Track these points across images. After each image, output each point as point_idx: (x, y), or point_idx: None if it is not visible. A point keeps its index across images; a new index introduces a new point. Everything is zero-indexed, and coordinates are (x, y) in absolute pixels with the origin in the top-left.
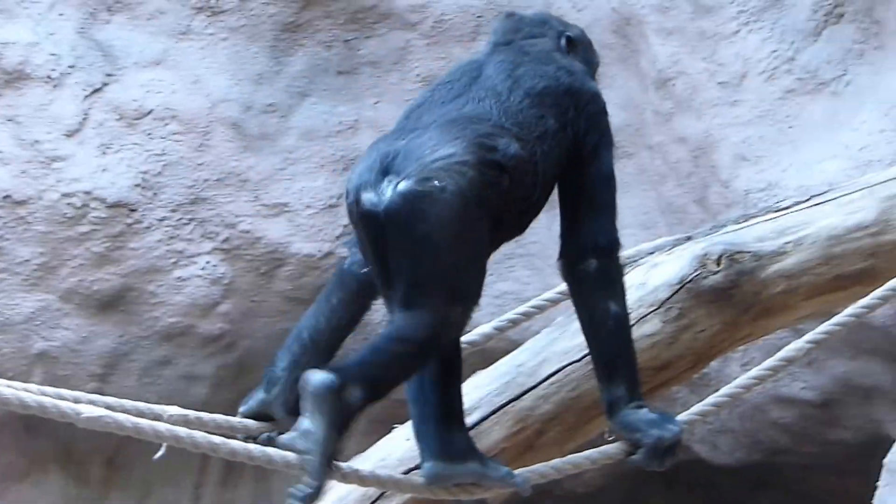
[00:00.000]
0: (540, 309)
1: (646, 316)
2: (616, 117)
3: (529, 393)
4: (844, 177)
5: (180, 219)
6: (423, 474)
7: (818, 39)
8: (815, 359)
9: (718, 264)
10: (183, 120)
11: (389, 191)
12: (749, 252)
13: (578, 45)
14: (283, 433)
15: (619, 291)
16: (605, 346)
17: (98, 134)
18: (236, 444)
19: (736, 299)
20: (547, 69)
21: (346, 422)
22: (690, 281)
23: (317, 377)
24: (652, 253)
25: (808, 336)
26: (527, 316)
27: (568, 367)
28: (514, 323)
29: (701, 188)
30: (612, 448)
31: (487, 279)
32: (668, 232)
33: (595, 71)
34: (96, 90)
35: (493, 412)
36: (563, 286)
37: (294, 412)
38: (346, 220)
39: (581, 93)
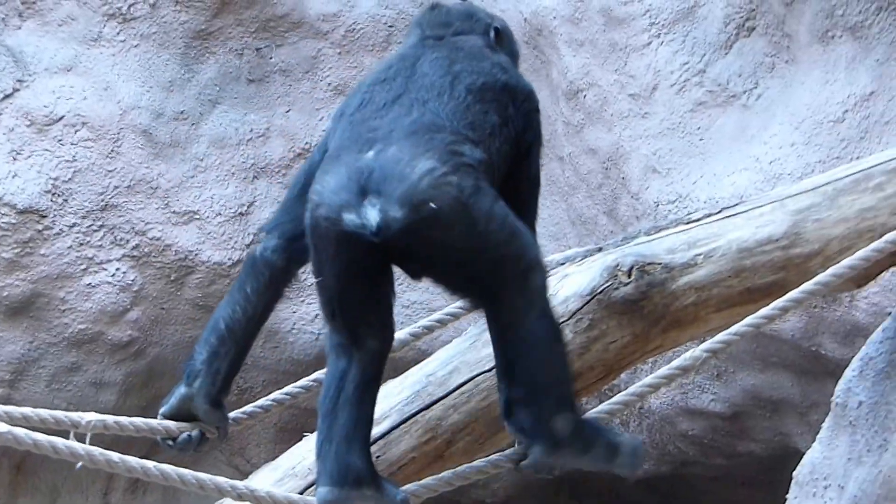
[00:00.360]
0: (454, 317)
1: None
2: None
3: (439, 403)
4: (755, 190)
5: (90, 225)
6: (317, 498)
7: (729, 52)
8: (724, 371)
9: (629, 276)
10: (93, 126)
11: (375, 213)
12: (660, 264)
13: (504, 38)
14: (202, 433)
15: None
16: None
17: (8, 140)
18: (135, 461)
19: (646, 311)
20: (482, 66)
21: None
22: (601, 292)
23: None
24: (563, 263)
25: (705, 345)
26: (441, 323)
27: (478, 377)
28: (428, 330)
29: (611, 200)
30: (501, 456)
31: (398, 289)
32: (579, 243)
33: (517, 62)
34: (7, 96)
35: (403, 421)
36: None
37: (216, 404)
38: (254, 229)
39: (517, 90)
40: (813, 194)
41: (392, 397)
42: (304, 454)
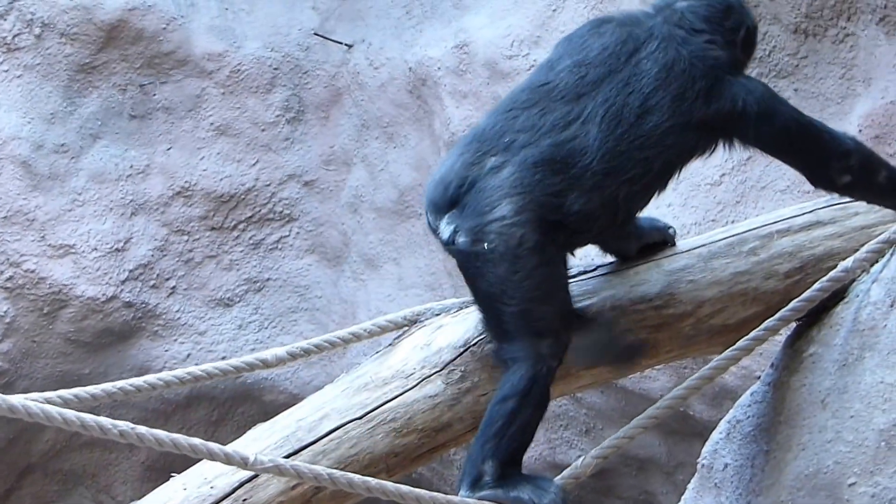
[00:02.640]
0: (332, 345)
1: (429, 377)
2: (406, 177)
3: (308, 448)
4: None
5: None
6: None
7: None
8: (592, 427)
9: None
10: None
11: (448, 233)
12: None
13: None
14: None
15: (876, 158)
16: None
17: None
18: None
19: None
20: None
21: (509, 481)
22: (475, 344)
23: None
24: (439, 314)
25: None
26: (319, 348)
27: (348, 424)
28: (306, 353)
29: None
30: None
31: (269, 334)
32: (453, 294)
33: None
34: None
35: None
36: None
37: None
38: (131, 266)
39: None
40: (688, 256)
41: (262, 441)
42: (170, 494)
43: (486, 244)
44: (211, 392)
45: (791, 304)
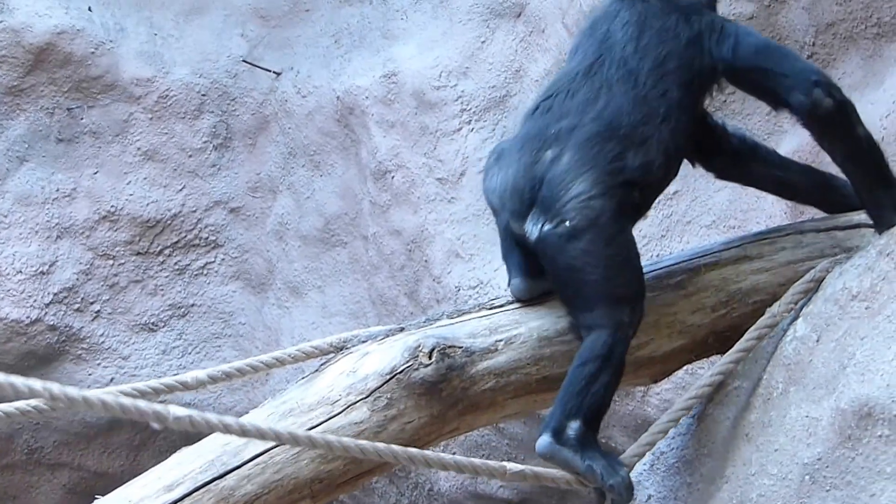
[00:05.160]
0: (254, 369)
1: (355, 404)
2: (333, 205)
3: (233, 472)
4: None
5: None
6: (511, 288)
7: None
8: (514, 457)
9: (430, 357)
10: None
11: (536, 231)
12: (461, 347)
13: None
14: None
15: (856, 115)
16: (865, 165)
17: None
18: None
19: (445, 393)
20: (667, 25)
21: (588, 449)
22: (401, 372)
23: (539, 445)
24: (365, 341)
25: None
26: (241, 372)
27: (274, 450)
28: (227, 376)
29: (413, 282)
30: None
31: (193, 359)
32: (378, 323)
33: None
34: None
35: (196, 489)
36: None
37: None
38: (55, 289)
39: (699, 38)
40: None
41: (187, 465)
42: None
43: (567, 222)
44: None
45: (728, 355)
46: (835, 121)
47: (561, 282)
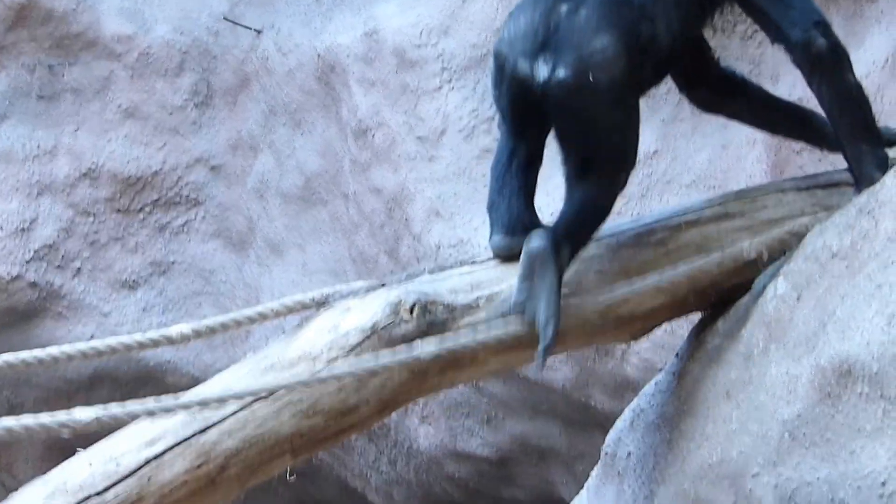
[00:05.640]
0: (237, 324)
1: (335, 359)
2: (313, 164)
3: (214, 427)
4: None
5: None
6: (491, 245)
7: None
8: (494, 416)
9: (411, 313)
10: None
11: (546, 71)
12: (442, 303)
13: None
14: None
15: (850, 64)
16: (852, 115)
17: None
18: None
19: None
20: None
21: (561, 278)
22: (383, 328)
23: (535, 243)
24: (347, 297)
25: None
26: (224, 327)
27: (255, 404)
28: (211, 330)
29: (393, 240)
30: None
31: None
32: (357, 279)
33: None
34: None
35: (177, 444)
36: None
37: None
38: (36, 246)
39: None
40: (596, 245)
41: (167, 419)
42: (75, 470)
43: (590, 76)
44: (113, 373)
45: (681, 269)
46: (825, 62)
47: (567, 139)
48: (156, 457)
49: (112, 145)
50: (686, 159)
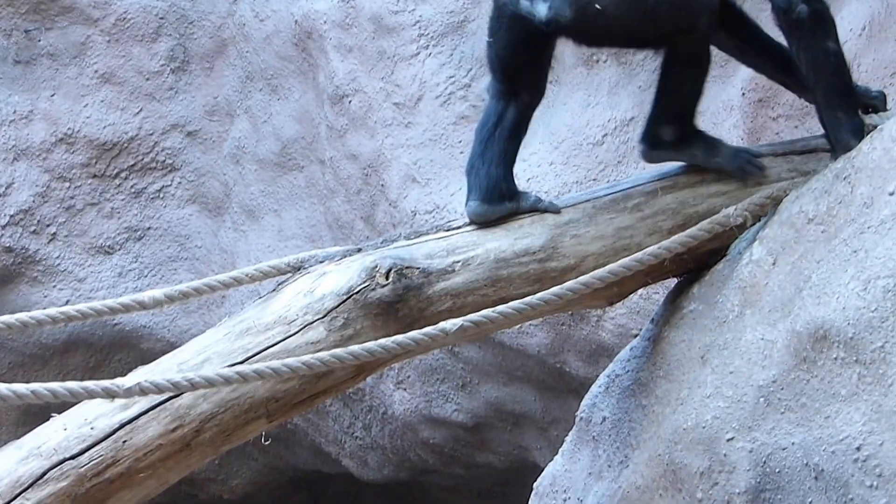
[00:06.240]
0: (212, 289)
1: (311, 323)
2: (289, 129)
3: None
4: None
5: None
6: (468, 210)
7: None
8: (468, 381)
9: (387, 278)
10: None
11: (545, 9)
12: (418, 268)
13: None
14: None
15: (833, 30)
16: (829, 81)
17: None
18: None
19: (402, 314)
20: None
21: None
22: (358, 292)
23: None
24: (322, 262)
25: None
26: (198, 292)
27: (230, 369)
28: (185, 296)
29: (369, 206)
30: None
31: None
32: (333, 245)
33: None
34: None
35: (152, 408)
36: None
37: None
38: (11, 211)
39: None
40: (573, 210)
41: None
42: (50, 434)
43: (596, 5)
44: (88, 338)
45: (674, 238)
46: (804, 27)
47: (619, 47)
48: (130, 420)
49: (88, 110)
50: None
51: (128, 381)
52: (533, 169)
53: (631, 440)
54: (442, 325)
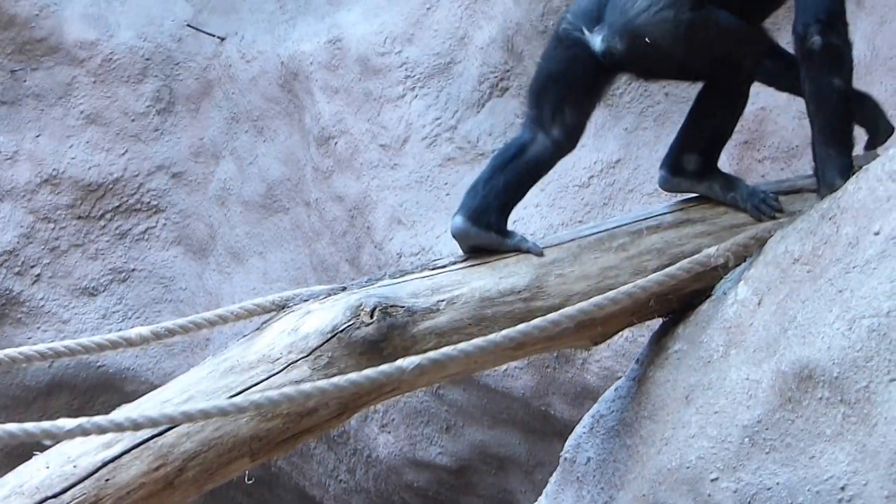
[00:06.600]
0: (197, 326)
1: (295, 362)
2: (275, 171)
3: (173, 429)
4: None
5: None
6: (452, 223)
7: (481, 110)
8: (453, 424)
9: (372, 316)
10: None
11: (599, 42)
12: (403, 307)
13: None
14: None
15: (844, 68)
16: (827, 116)
17: None
18: None
19: (386, 352)
20: None
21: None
22: (343, 331)
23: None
24: (307, 300)
25: None
26: (184, 329)
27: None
28: (171, 333)
29: (355, 248)
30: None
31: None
32: None
33: None
34: None
35: (135, 446)
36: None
37: None
38: None
39: None
40: (558, 249)
41: None
42: (32, 473)
43: (646, 38)
44: (72, 380)
45: (652, 277)
46: (814, 58)
47: (673, 79)
48: (113, 459)
49: (73, 151)
50: (649, 168)
51: (104, 418)
52: (518, 211)
53: (615, 481)
54: (399, 362)
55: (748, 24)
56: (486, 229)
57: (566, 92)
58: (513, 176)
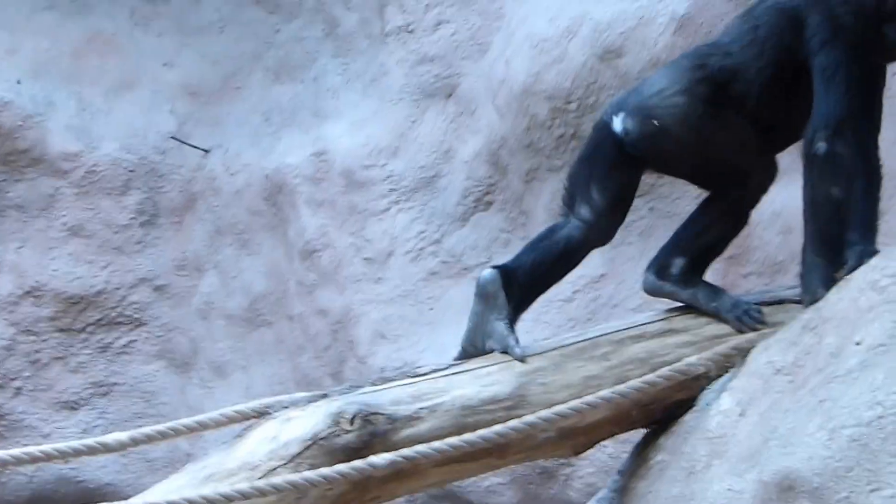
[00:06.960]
0: (176, 433)
1: (276, 469)
2: (259, 285)
3: None
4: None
5: None
6: (480, 275)
7: (466, 224)
8: None
9: (352, 424)
10: None
11: (619, 122)
12: (384, 414)
13: None
14: None
15: (843, 179)
16: (819, 225)
17: None
18: None
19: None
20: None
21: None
22: (323, 438)
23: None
24: (288, 407)
25: None
26: (163, 436)
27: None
28: (149, 439)
29: (337, 362)
30: None
31: None
32: None
33: None
34: None
35: None
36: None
37: None
38: None
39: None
40: (540, 358)
41: None
42: None
43: (654, 121)
44: (52, 496)
45: (630, 383)
46: (815, 164)
47: (682, 175)
48: None
49: (56, 263)
50: (633, 283)
51: None
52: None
53: None
54: (371, 458)
55: (762, 147)
56: (504, 299)
57: (592, 172)
58: (542, 255)
